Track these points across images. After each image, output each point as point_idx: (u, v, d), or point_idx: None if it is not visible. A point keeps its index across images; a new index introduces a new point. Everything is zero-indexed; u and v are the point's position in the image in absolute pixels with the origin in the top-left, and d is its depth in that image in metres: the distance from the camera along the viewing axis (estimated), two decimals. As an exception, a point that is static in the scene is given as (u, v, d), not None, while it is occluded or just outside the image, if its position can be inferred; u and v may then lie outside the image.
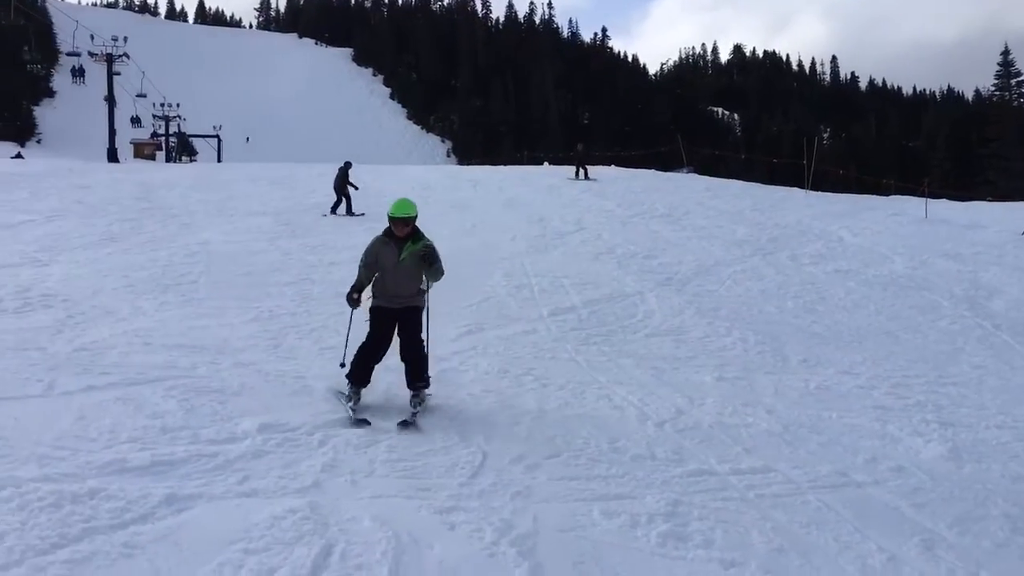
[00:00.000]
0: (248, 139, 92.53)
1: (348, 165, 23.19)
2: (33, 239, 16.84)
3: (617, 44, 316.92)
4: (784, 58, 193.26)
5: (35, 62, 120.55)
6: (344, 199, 21.74)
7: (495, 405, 7.23)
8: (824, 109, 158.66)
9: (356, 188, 21.96)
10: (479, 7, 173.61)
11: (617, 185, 28.06)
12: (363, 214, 20.77)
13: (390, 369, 7.18)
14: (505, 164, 48.52)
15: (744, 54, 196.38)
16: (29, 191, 23.37)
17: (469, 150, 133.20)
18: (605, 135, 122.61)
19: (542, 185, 27.76)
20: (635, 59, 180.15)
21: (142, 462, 5.15)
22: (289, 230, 18.91)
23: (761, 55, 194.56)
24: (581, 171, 30.19)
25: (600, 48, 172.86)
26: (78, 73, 56.24)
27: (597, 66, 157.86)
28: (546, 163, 46.34)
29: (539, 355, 9.34)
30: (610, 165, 40.19)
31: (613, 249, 16.91)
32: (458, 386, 7.71)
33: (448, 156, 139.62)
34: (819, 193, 31.95)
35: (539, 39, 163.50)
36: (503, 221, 20.28)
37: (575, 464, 5.93)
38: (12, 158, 49.85)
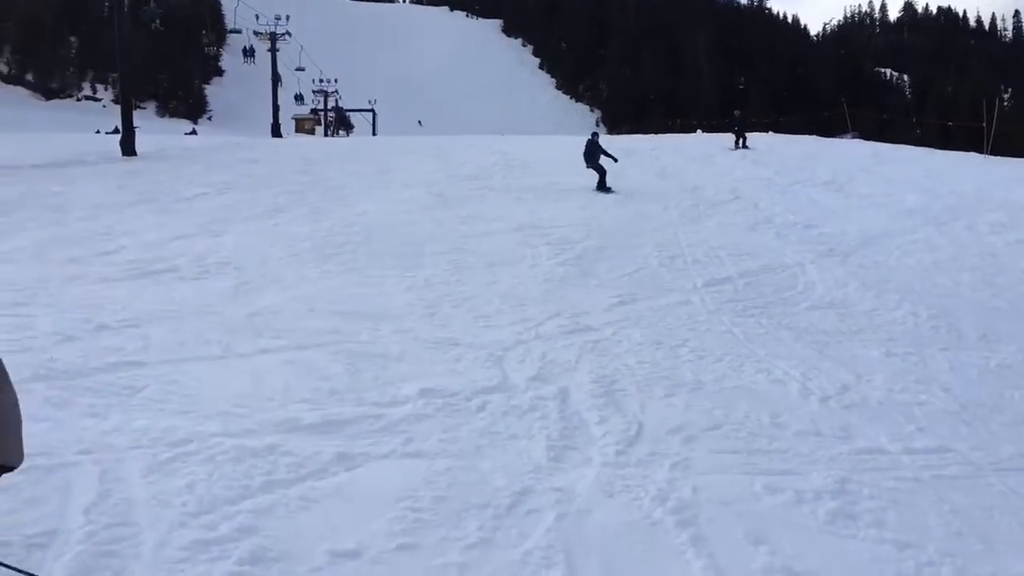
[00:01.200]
0: (420, 122, 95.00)
1: (596, 136, 21.43)
2: (207, 211, 17.89)
3: (776, 5, 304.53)
4: (960, 14, 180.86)
5: (211, 44, 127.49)
6: (599, 172, 19.99)
7: (650, 376, 7.15)
8: (1005, 68, 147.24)
9: (615, 160, 20.04)
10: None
11: (775, 152, 27.09)
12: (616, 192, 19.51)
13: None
14: (656, 133, 47.73)
15: (915, 10, 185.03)
16: (203, 166, 24.85)
17: (619, 119, 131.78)
18: (763, 101, 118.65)
19: (695, 154, 27.13)
20: (795, 20, 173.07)
21: (313, 421, 5.40)
22: (442, 201, 19.28)
23: (935, 11, 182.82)
24: (740, 140, 29.21)
25: (757, 10, 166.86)
26: (248, 53, 58.92)
27: (754, 29, 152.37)
28: (699, 131, 45.28)
29: (694, 327, 9.16)
30: (768, 132, 38.86)
31: (771, 219, 16.36)
32: (612, 356, 7.67)
33: (598, 126, 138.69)
34: (1000, 158, 29.75)
35: (692, 3, 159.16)
36: (655, 190, 19.98)
37: (735, 437, 5.79)
38: (187, 134, 53.17)
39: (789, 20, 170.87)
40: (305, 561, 3.71)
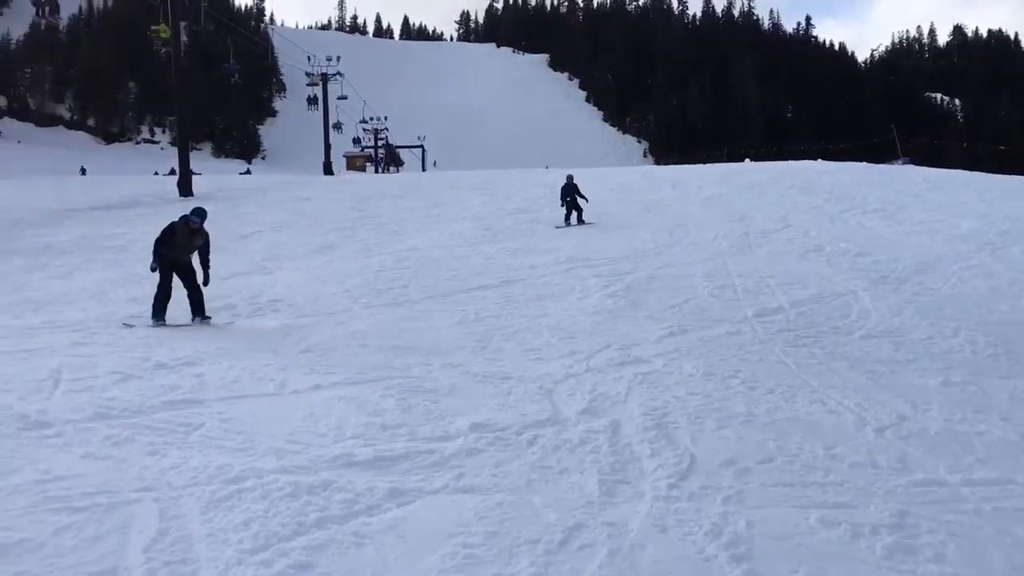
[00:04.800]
0: (435, 162, 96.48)
1: (571, 177, 22.14)
2: (261, 248, 18.28)
3: (822, 33, 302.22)
4: (1012, 37, 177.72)
5: (269, 92, 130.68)
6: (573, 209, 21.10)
7: (701, 408, 7.09)
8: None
9: (586, 200, 21.15)
10: (675, 4, 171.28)
11: (824, 180, 26.83)
12: (592, 223, 20.51)
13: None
14: (704, 162, 47.56)
15: (965, 35, 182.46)
16: (256, 204, 25.39)
17: (666, 149, 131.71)
18: (811, 129, 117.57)
19: (743, 183, 26.97)
20: (842, 47, 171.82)
21: (366, 457, 5.46)
22: (491, 235, 19.42)
23: (985, 34, 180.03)
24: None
25: (803, 39, 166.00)
26: (312, 101, 59.91)
27: (802, 56, 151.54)
28: (747, 159, 45.01)
29: (745, 357, 9.07)
30: (816, 159, 38.47)
31: (822, 247, 16.18)
32: (663, 388, 7.63)
33: (645, 156, 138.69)
34: (1055, 181, 29.07)
35: (738, 33, 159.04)
36: (703, 220, 19.90)
37: (789, 470, 5.71)
38: (241, 174, 54.37)
39: (836, 47, 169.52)
40: (359, 598, 3.75)
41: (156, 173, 58.71)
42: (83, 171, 58.25)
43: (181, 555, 4.00)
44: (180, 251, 11.46)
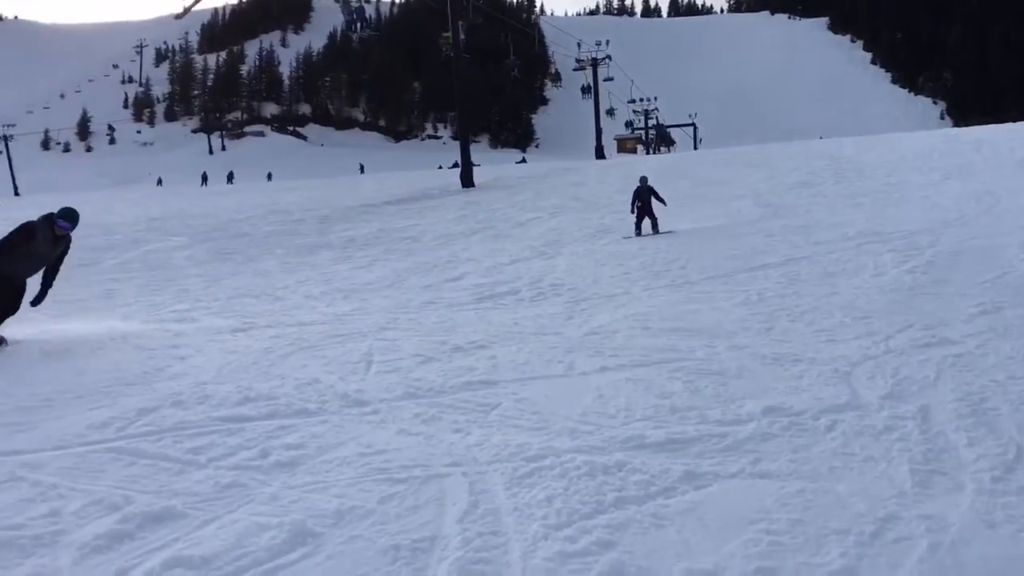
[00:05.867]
0: (701, 140, 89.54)
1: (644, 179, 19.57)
2: (539, 234, 18.87)
3: None
4: None
5: (541, 82, 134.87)
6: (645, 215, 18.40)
7: (1026, 393, 6.38)
8: None
9: (664, 203, 18.35)
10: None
11: None
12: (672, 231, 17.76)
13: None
14: (1014, 122, 42.74)
15: None
16: (533, 191, 26.27)
17: (967, 110, 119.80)
18: None
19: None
20: None
21: (658, 439, 5.45)
22: (771, 211, 18.74)
23: None
24: None
25: None
26: (587, 91, 61.02)
27: None
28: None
29: (1077, 337, 8.04)
30: None
31: None
32: (978, 372, 6.94)
33: (942, 119, 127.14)
34: None
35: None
36: (1017, 185, 17.91)
37: None
38: (517, 163, 56.48)
39: None
40: (663, 578, 3.75)
41: (440, 167, 62.50)
42: (362, 169, 63.21)
43: (491, 527, 4.22)
44: (28, 262, 8.97)
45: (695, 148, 75.56)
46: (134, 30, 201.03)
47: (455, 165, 44.90)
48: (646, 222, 17.93)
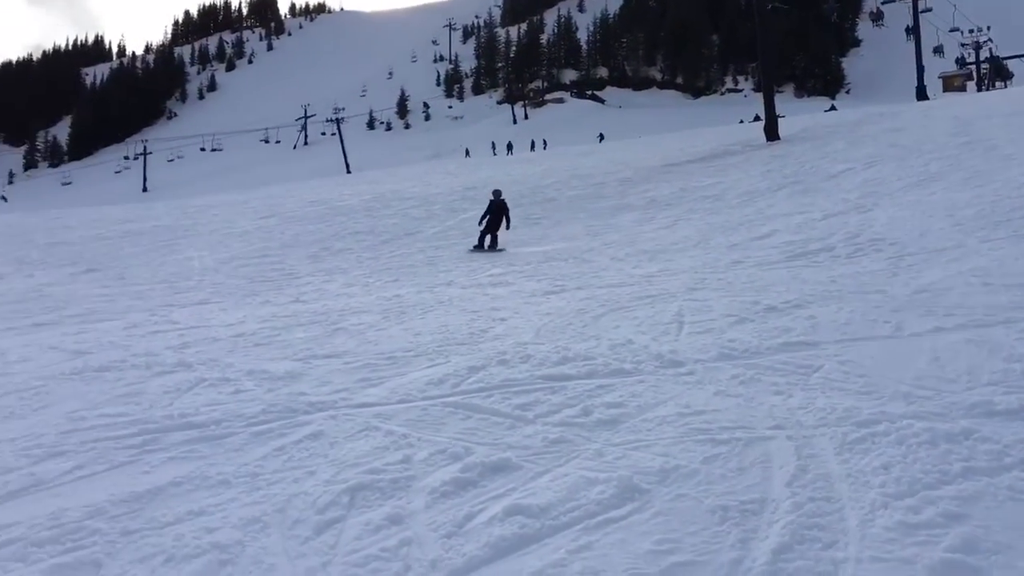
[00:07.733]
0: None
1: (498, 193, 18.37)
2: (853, 186, 17.71)
3: None
4: None
5: (852, 23, 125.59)
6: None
7: None
8: None
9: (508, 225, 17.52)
10: None
11: None
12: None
13: None
14: None
15: None
16: (845, 141, 24.63)
17: None
18: None
19: None
20: None
21: (1010, 406, 4.94)
22: None
23: None
24: None
25: None
26: (877, 17, 56.44)
27: None
28: None
29: None
30: None
31: None
32: None
33: None
34: None
35: None
36: None
37: None
38: (826, 111, 53.22)
39: None
40: None
41: (741, 121, 60.49)
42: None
43: (823, 492, 4.06)
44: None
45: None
46: (444, 9, 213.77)
47: (757, 118, 43.26)
48: (488, 238, 17.35)
